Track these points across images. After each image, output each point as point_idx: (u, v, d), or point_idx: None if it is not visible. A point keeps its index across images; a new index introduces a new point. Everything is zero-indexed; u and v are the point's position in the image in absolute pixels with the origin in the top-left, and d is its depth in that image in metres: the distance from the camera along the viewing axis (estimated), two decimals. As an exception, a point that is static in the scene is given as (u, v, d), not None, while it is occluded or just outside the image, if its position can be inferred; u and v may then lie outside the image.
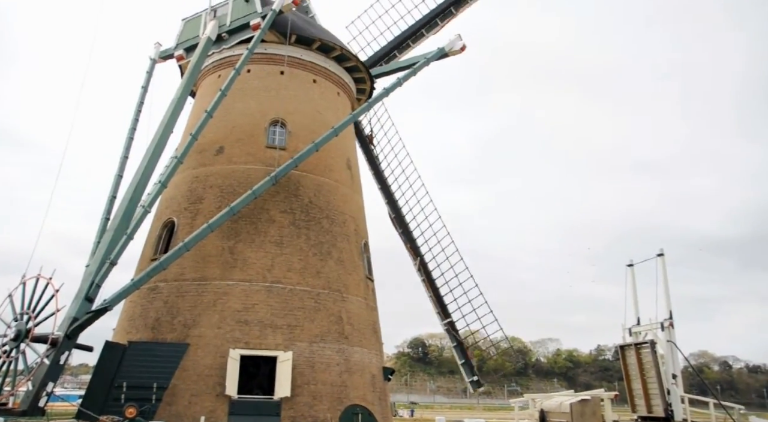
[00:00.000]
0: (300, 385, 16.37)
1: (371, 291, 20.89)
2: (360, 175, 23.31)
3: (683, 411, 24.32)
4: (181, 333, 16.30)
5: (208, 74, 22.04)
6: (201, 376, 15.71)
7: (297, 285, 17.60)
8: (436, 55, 22.55)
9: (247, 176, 18.60)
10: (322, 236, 18.88)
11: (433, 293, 23.87)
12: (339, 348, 17.64)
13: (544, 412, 21.25)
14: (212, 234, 16.77)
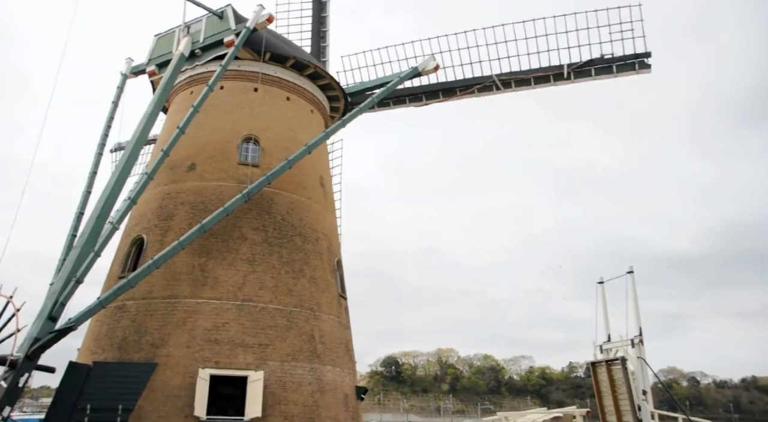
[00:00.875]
0: (271, 405, 16.09)
1: (344, 309, 20.76)
2: (333, 192, 23.27)
3: (653, 427, 24.59)
4: (149, 352, 15.93)
5: (180, 90, 21.88)
6: (169, 397, 15.34)
7: (269, 303, 17.39)
8: (409, 73, 22.77)
9: (219, 193, 18.42)
10: (295, 254, 18.74)
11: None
12: (311, 368, 17.43)
13: (517, 430, 21.24)
14: (183, 251, 16.51)
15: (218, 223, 17.18)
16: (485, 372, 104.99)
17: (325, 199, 21.80)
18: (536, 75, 22.05)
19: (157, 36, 21.19)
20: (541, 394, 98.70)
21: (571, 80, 21.89)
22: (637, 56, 20.99)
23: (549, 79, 22.10)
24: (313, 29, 25.89)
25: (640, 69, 21.19)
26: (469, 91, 23.17)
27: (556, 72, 21.81)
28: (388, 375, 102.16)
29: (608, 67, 21.54)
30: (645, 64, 21.15)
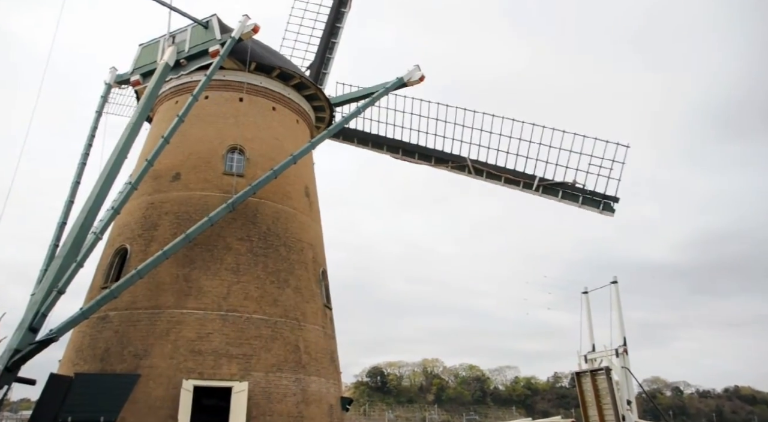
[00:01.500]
0: (255, 416, 15.98)
1: (329, 319, 20.71)
2: (318, 202, 23.28)
3: (637, 437, 24.73)
4: (132, 363, 15.77)
5: (165, 100, 21.83)
6: (152, 409, 15.17)
7: (253, 313, 17.32)
8: (395, 84, 22.93)
9: (203, 203, 18.36)
10: (280, 264, 18.70)
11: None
12: (296, 378, 17.34)
13: (502, 440, 21.26)
14: (167, 261, 16.42)
15: (203, 233, 17.11)
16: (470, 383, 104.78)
17: (311, 208, 21.81)
18: (507, 176, 22.06)
19: (141, 45, 21.16)
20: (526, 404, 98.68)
21: (539, 193, 21.80)
22: (605, 197, 20.83)
23: (519, 184, 22.10)
24: (322, 39, 25.75)
25: (604, 210, 21.03)
26: (443, 163, 23.37)
27: (526, 180, 21.88)
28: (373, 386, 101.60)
29: (575, 196, 21.38)
30: (610, 207, 20.97)
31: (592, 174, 20.51)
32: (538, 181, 21.36)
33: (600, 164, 20.28)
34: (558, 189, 21.32)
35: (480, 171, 22.35)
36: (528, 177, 21.62)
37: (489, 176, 22.37)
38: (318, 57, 25.53)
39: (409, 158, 24.04)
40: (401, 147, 24.10)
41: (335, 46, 25.64)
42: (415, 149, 23.80)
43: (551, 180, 21.16)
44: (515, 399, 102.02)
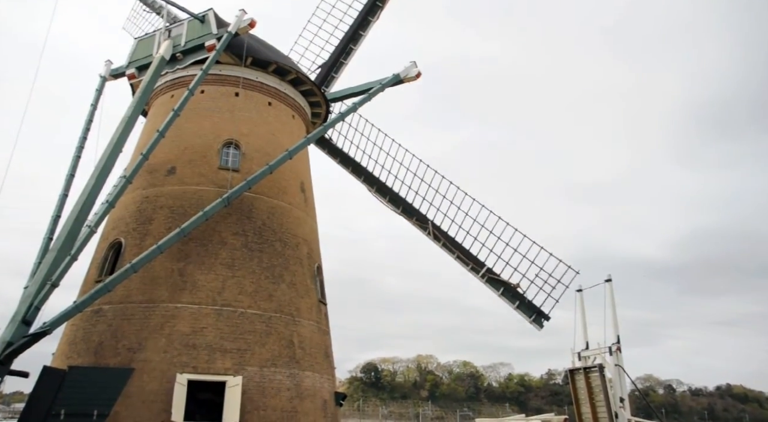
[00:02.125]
0: (249, 411, 16.01)
1: (324, 315, 20.74)
2: (313, 197, 23.28)
3: (629, 434, 24.88)
4: (126, 357, 15.77)
5: (160, 94, 21.77)
6: (146, 402, 15.18)
7: (248, 308, 17.33)
8: (391, 81, 22.93)
9: (198, 197, 18.34)
10: (275, 259, 18.71)
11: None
12: (290, 373, 17.38)
13: (495, 436, 21.34)
14: (161, 255, 16.40)
15: (197, 228, 17.10)
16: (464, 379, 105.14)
17: (306, 204, 21.81)
18: (459, 254, 22.28)
19: (137, 39, 21.10)
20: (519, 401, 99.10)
21: (482, 281, 22.00)
22: (539, 312, 21.22)
23: (468, 265, 22.21)
24: (341, 43, 25.30)
25: (534, 322, 21.40)
26: (409, 216, 23.51)
27: (474, 265, 22.01)
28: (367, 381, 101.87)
29: (514, 298, 21.60)
30: (540, 322, 21.45)
31: (536, 285, 20.90)
32: (485, 270, 21.65)
33: (546, 280, 20.75)
34: (500, 285, 21.69)
35: (438, 238, 22.59)
36: (478, 263, 21.83)
37: (444, 246, 22.54)
38: (332, 59, 25.27)
39: (380, 198, 24.06)
40: (377, 184, 24.07)
41: (352, 52, 25.32)
42: (388, 192, 23.79)
43: (498, 275, 21.51)
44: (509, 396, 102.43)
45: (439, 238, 22.44)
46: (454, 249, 22.17)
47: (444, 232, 22.37)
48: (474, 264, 21.81)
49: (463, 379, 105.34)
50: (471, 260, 21.88)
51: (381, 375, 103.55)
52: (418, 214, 23.04)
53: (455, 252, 22.15)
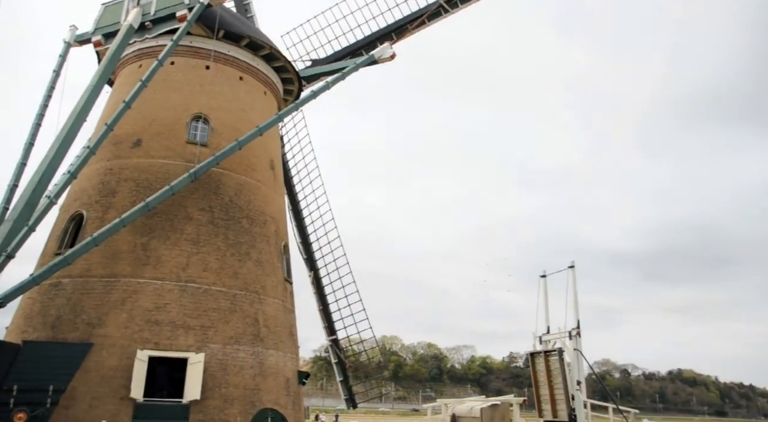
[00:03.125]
0: (211, 388, 15.91)
1: (289, 293, 20.66)
2: (282, 176, 23.02)
3: (585, 416, 25.59)
4: (85, 332, 15.45)
5: (128, 63, 21.12)
6: (104, 378, 14.93)
7: (212, 285, 17.13)
8: (365, 61, 22.63)
9: (165, 171, 17.93)
10: (242, 236, 18.49)
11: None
12: (254, 351, 17.30)
13: (455, 416, 21.69)
14: (124, 229, 16.05)
15: (163, 202, 16.75)
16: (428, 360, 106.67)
17: (275, 182, 21.55)
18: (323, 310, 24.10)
19: (104, 4, 20.33)
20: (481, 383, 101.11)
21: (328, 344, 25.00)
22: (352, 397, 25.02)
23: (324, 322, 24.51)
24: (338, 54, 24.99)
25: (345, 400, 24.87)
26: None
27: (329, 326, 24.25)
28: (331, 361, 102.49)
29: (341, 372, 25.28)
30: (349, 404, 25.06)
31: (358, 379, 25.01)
32: (332, 338, 24.70)
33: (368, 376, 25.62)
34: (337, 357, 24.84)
35: (313, 285, 24.48)
36: (332, 328, 24.44)
37: (315, 295, 24.42)
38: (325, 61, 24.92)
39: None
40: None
41: None
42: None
43: (341, 349, 24.87)
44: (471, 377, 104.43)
45: (314, 286, 24.18)
46: (320, 303, 24.08)
47: (321, 286, 24.05)
48: (328, 325, 23.87)
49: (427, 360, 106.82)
50: (328, 321, 23.92)
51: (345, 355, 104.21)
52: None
53: (320, 305, 24.05)
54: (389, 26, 23.88)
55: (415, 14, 23.43)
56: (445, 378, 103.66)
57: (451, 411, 22.68)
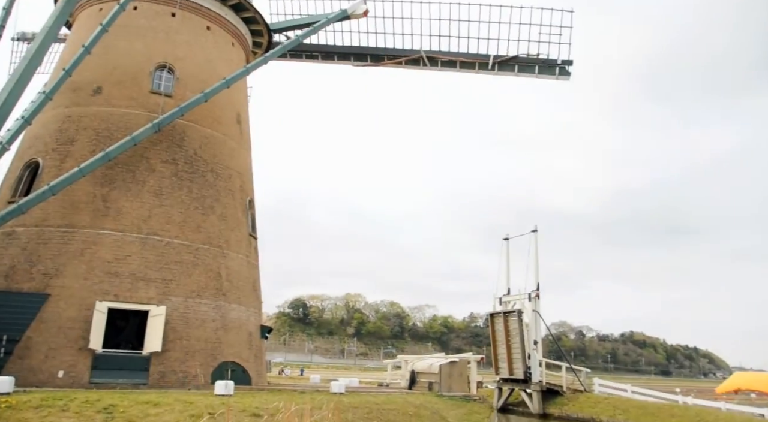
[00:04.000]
0: (172, 340, 15.92)
1: (253, 249, 20.59)
2: (249, 130, 22.60)
3: (540, 374, 26.56)
4: (41, 282, 15.17)
5: (87, 5, 20.16)
6: (62, 329, 14.78)
7: (175, 238, 16.94)
8: (338, 16, 22.11)
9: (126, 121, 17.41)
10: (206, 190, 18.23)
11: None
12: (216, 305, 17.30)
13: (414, 372, 22.26)
14: (83, 179, 15.66)
15: (124, 153, 16.36)
16: (390, 319, 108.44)
17: (241, 136, 21.17)
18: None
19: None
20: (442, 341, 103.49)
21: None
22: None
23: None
24: None
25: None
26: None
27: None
28: (295, 317, 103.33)
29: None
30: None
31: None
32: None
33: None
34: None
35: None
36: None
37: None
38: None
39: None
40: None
41: None
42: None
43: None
44: (432, 335, 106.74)
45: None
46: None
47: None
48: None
49: (389, 318, 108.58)
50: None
51: (309, 311, 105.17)
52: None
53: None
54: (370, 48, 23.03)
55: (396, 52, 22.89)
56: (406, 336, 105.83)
57: (411, 367, 23.27)
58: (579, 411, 23.97)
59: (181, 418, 10.91)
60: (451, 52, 22.18)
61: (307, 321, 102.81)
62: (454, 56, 22.24)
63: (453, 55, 22.21)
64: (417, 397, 17.06)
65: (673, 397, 23.51)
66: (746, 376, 28.32)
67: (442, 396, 18.22)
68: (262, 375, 19.68)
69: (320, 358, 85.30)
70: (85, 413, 10.48)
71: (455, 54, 22.16)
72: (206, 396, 12.88)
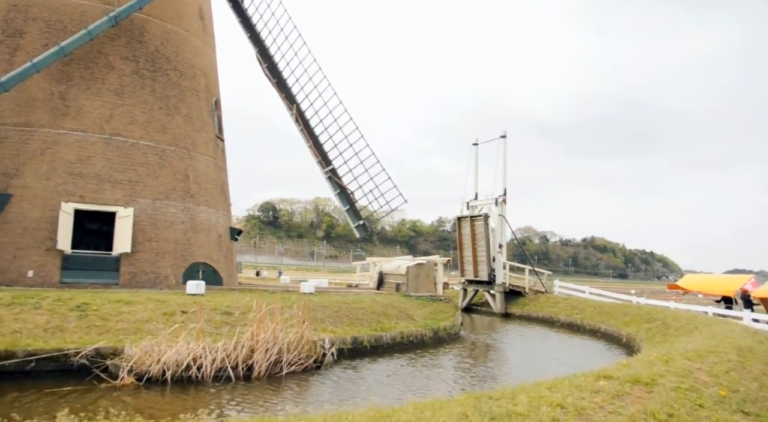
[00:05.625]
0: (141, 242, 15.94)
1: (221, 151, 20.25)
2: (213, 27, 21.48)
3: (504, 276, 27.70)
4: (2, 183, 14.78)
5: None
6: (27, 230, 14.62)
7: (140, 139, 16.49)
8: None
9: (81, 13, 16.31)
10: (170, 89, 17.56)
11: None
12: (184, 207, 17.22)
13: (382, 274, 22.89)
14: (38, 76, 14.90)
15: (81, 48, 15.50)
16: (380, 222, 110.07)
17: (205, 33, 20.14)
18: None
19: None
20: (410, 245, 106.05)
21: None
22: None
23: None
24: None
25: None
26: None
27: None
28: (265, 220, 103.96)
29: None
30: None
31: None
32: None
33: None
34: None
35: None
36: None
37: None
38: None
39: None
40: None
41: None
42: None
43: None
44: (400, 239, 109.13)
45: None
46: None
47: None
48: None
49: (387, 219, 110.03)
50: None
51: (279, 214, 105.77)
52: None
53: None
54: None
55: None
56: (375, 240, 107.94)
57: (379, 268, 23.89)
58: (539, 310, 25.34)
59: (154, 316, 11.15)
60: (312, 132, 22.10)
61: (276, 225, 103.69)
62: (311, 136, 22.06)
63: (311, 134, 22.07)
64: (385, 297, 17.68)
65: (628, 298, 24.85)
66: (695, 278, 29.97)
67: (410, 296, 18.90)
68: (233, 276, 20.04)
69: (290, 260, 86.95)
70: (58, 310, 10.62)
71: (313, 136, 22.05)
72: (178, 296, 13.12)
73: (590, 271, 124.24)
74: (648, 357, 8.22)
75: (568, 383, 6.30)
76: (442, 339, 15.72)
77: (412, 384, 10.23)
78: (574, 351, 16.33)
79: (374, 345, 13.03)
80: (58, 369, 8.91)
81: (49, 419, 4.10)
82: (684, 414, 5.49)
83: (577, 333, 20.53)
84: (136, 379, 8.81)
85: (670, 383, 6.50)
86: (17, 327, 9.84)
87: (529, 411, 5.04)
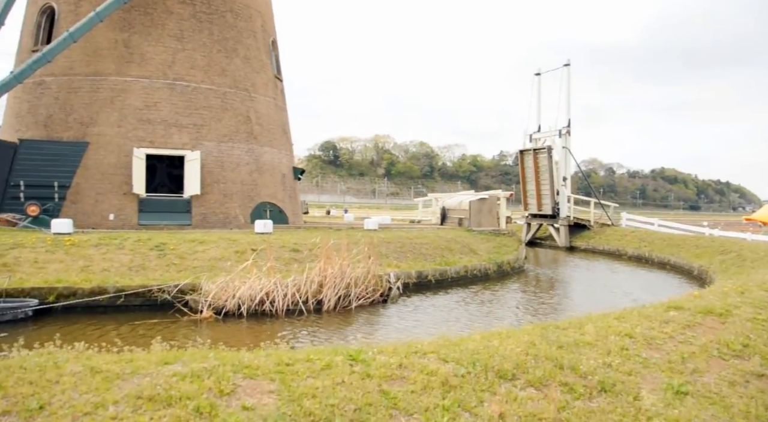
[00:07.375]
0: (209, 184, 16.51)
1: (280, 91, 20.37)
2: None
3: (568, 209, 27.18)
4: (78, 131, 15.52)
5: None
6: (105, 175, 15.40)
7: (201, 83, 16.79)
8: None
9: (137, -42, 16.40)
10: (227, 31, 17.63)
11: None
12: (248, 148, 17.60)
13: (445, 209, 22.90)
14: (102, 25, 15.25)
15: (139, -6, 15.66)
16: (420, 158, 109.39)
17: (258, -30, 19.88)
18: None
19: None
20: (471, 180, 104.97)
21: None
22: None
23: None
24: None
25: None
26: None
27: None
28: (325, 159, 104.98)
29: None
30: None
31: None
32: None
33: None
34: None
35: None
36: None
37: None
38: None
39: None
40: None
41: None
42: None
43: None
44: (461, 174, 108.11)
45: None
46: None
47: None
48: None
49: (419, 158, 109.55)
50: None
51: (339, 153, 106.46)
52: None
53: None
54: None
55: None
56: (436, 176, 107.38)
57: (441, 204, 23.90)
58: (605, 243, 24.88)
59: (226, 254, 11.68)
60: None
61: (337, 163, 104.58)
62: None
63: None
64: (448, 232, 17.76)
65: (700, 230, 23.96)
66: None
67: (472, 230, 18.90)
68: (297, 215, 20.56)
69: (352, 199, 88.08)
70: (139, 250, 11.28)
71: None
72: (247, 235, 13.64)
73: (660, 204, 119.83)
74: (722, 289, 8.01)
75: (637, 313, 6.25)
76: (506, 273, 15.78)
77: (478, 315, 10.41)
78: (642, 284, 16.06)
79: (439, 279, 13.23)
80: (144, 304, 9.57)
81: (146, 346, 4.45)
82: (761, 344, 5.37)
83: (646, 265, 20.12)
84: (214, 313, 9.36)
85: (745, 314, 6.34)
86: (106, 265, 10.56)
87: (597, 340, 5.05)
